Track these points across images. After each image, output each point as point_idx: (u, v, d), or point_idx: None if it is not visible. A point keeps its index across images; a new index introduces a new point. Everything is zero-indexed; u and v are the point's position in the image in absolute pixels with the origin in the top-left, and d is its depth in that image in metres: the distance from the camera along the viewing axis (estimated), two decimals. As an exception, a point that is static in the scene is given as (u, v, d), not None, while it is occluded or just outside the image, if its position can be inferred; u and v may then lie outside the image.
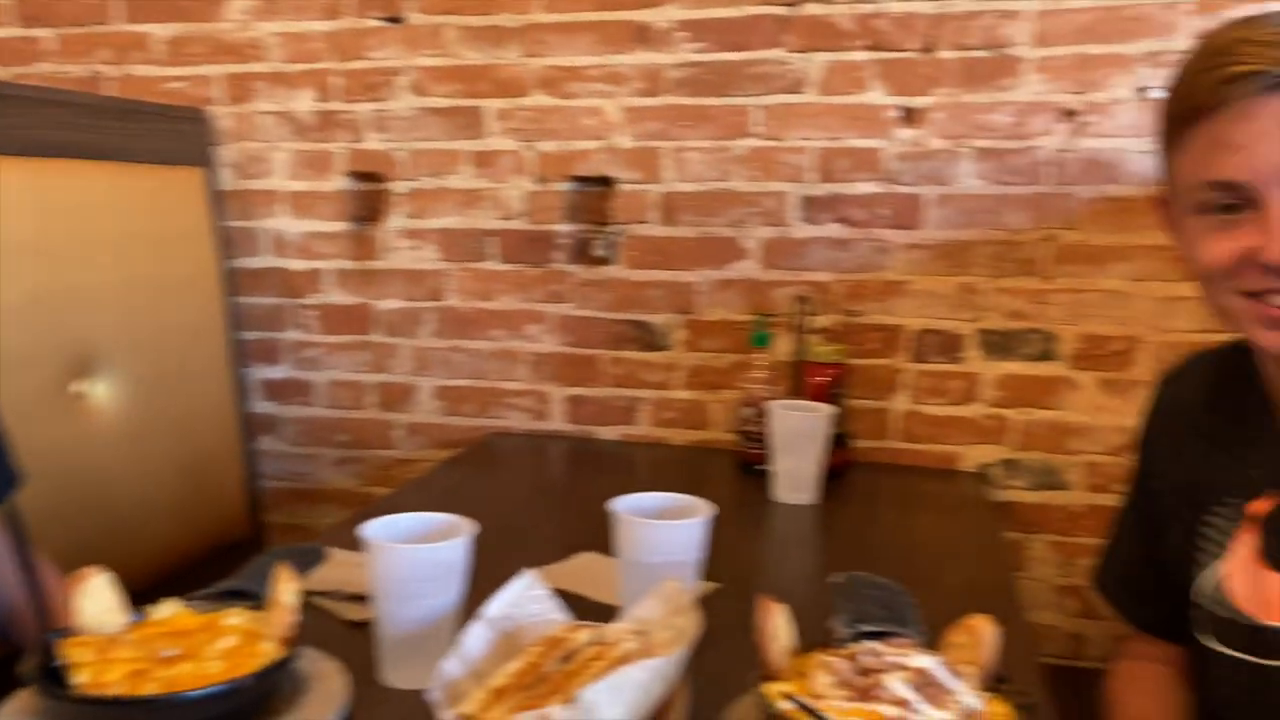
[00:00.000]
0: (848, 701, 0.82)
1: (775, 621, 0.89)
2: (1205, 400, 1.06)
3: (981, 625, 0.90)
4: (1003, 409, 1.82)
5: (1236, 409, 1.02)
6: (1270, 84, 0.82)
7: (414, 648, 0.98)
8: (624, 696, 0.80)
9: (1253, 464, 0.98)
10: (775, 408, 1.61)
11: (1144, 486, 1.14)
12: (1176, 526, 1.05)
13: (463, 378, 2.04)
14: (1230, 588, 0.97)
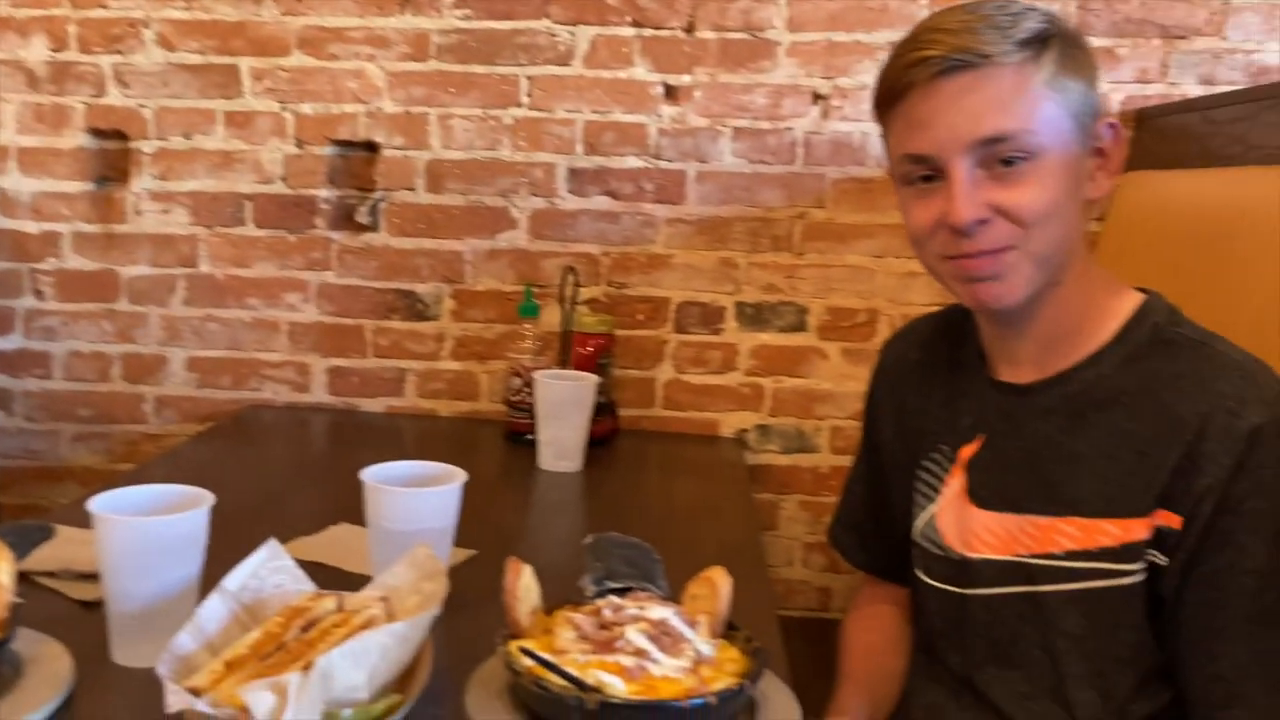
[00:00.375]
0: (589, 654, 0.85)
1: (521, 582, 0.90)
2: (924, 357, 1.15)
3: (717, 577, 0.94)
4: (758, 377, 1.91)
5: (952, 362, 1.11)
6: (946, 67, 0.91)
7: (147, 625, 0.94)
8: (363, 661, 0.79)
9: (963, 412, 1.07)
10: (540, 377, 1.63)
11: (870, 442, 1.22)
12: (897, 475, 1.14)
13: (218, 348, 1.95)
14: (941, 526, 1.06)
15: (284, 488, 1.52)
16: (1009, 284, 0.94)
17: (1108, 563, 0.92)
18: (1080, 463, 0.95)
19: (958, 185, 0.92)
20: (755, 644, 0.91)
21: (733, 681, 0.83)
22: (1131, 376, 0.95)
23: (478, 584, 1.16)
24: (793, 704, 0.92)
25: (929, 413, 1.11)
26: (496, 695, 0.89)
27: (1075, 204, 0.95)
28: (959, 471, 1.06)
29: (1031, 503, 0.98)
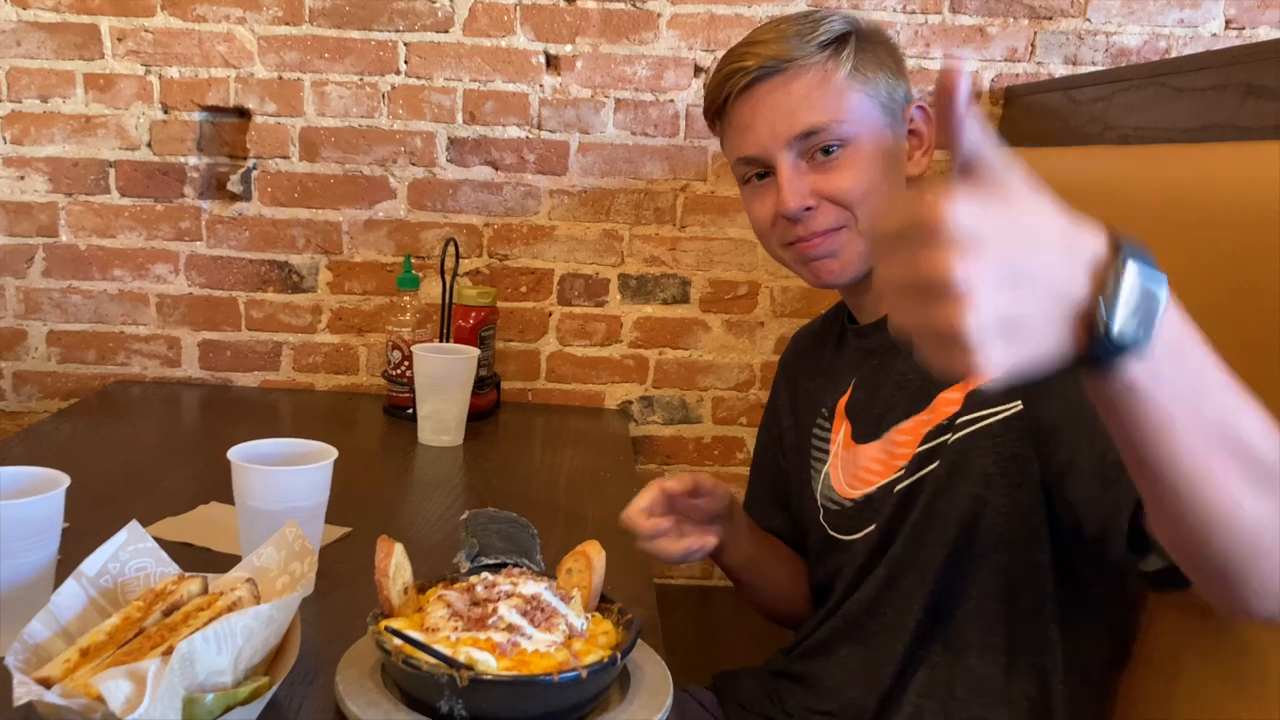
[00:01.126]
0: (462, 632, 0.85)
1: (392, 560, 0.89)
2: (812, 345, 1.27)
3: (591, 552, 0.95)
4: (642, 349, 1.91)
5: (835, 342, 1.22)
6: (759, 74, 1.04)
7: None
8: (227, 645, 0.78)
9: (840, 371, 1.16)
10: (419, 351, 1.60)
11: (770, 422, 1.32)
12: (795, 446, 1.22)
13: (81, 322, 1.87)
14: (834, 481, 1.13)
15: (152, 466, 1.47)
16: (844, 259, 1.06)
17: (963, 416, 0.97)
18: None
19: (783, 177, 1.04)
20: (628, 616, 0.92)
21: (603, 654, 0.84)
22: None
23: (352, 562, 1.15)
24: (664, 674, 0.93)
25: (816, 388, 1.21)
26: (368, 674, 0.88)
27: (895, 182, 1.06)
28: (842, 422, 1.13)
29: (895, 413, 1.05)
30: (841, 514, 1.11)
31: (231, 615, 0.79)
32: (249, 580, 0.89)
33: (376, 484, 1.48)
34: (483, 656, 0.81)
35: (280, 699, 0.86)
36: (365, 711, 0.83)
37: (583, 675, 0.80)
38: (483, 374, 1.72)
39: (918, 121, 1.10)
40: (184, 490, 1.33)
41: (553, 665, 0.82)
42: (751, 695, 1.18)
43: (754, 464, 1.36)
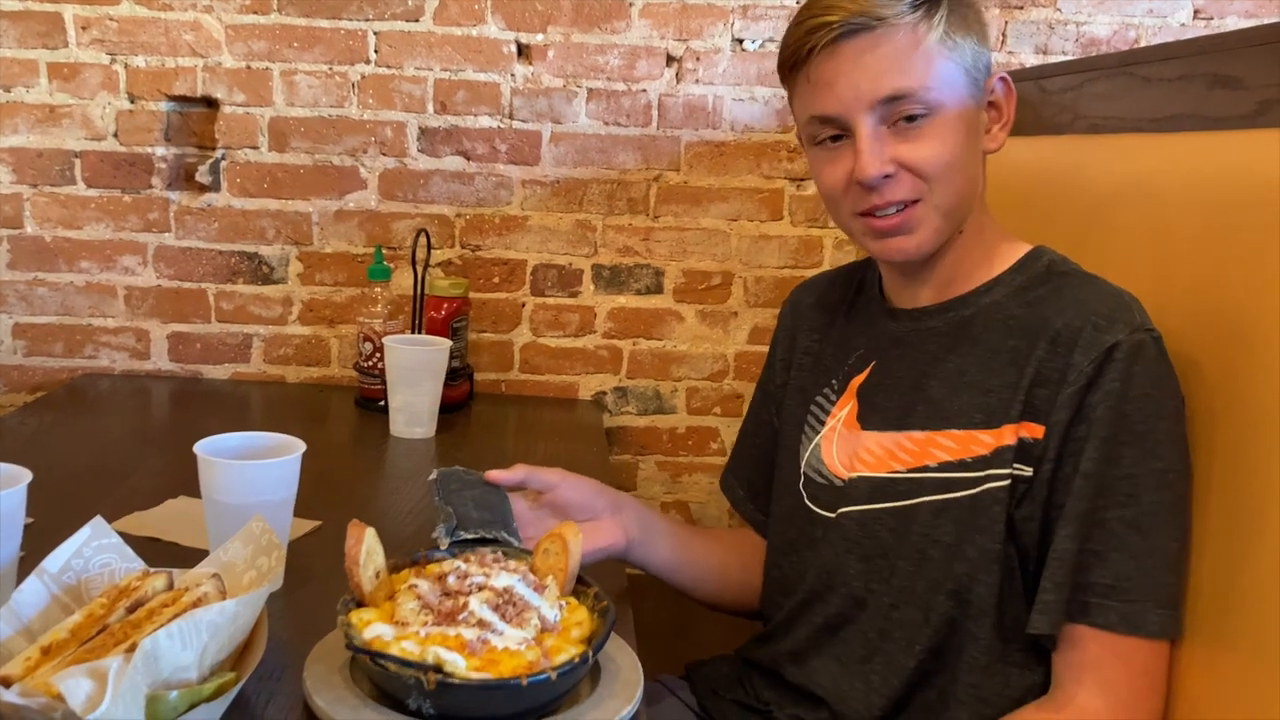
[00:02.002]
0: (431, 626, 0.84)
1: (364, 546, 0.88)
2: (821, 302, 1.22)
3: (568, 534, 0.94)
4: (615, 340, 1.91)
5: (850, 306, 1.18)
6: (845, 30, 0.96)
7: (-42, 611, 0.89)
8: (191, 641, 0.77)
9: (857, 346, 1.13)
10: (390, 342, 1.59)
11: (765, 391, 1.27)
12: (791, 416, 1.18)
13: (48, 314, 1.85)
14: (825, 454, 1.11)
15: (120, 460, 1.45)
16: (917, 237, 1.00)
17: (979, 471, 0.97)
18: (961, 379, 1.01)
19: (863, 141, 0.97)
20: (604, 603, 0.91)
21: (574, 653, 0.83)
22: (1021, 303, 1.01)
23: (322, 555, 1.14)
24: (635, 665, 0.93)
25: (824, 353, 1.17)
26: (336, 670, 0.87)
27: (974, 157, 1.02)
28: (849, 400, 1.10)
29: (913, 419, 1.03)
30: (827, 489, 1.09)
31: (196, 611, 0.78)
32: (215, 576, 0.88)
33: (347, 477, 1.47)
34: (451, 657, 0.80)
35: (247, 695, 0.85)
36: (333, 708, 0.82)
37: (552, 678, 0.80)
38: (455, 365, 1.71)
39: (998, 94, 1.04)
40: (152, 484, 1.32)
41: (522, 665, 0.81)
42: (723, 680, 1.17)
43: (744, 426, 1.31)
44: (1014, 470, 0.95)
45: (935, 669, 0.99)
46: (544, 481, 1.09)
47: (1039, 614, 0.92)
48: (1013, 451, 0.95)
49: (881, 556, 1.02)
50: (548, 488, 1.10)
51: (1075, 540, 0.91)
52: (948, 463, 0.99)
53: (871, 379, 1.10)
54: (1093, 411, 0.91)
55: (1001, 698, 0.97)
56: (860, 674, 1.02)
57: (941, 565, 0.98)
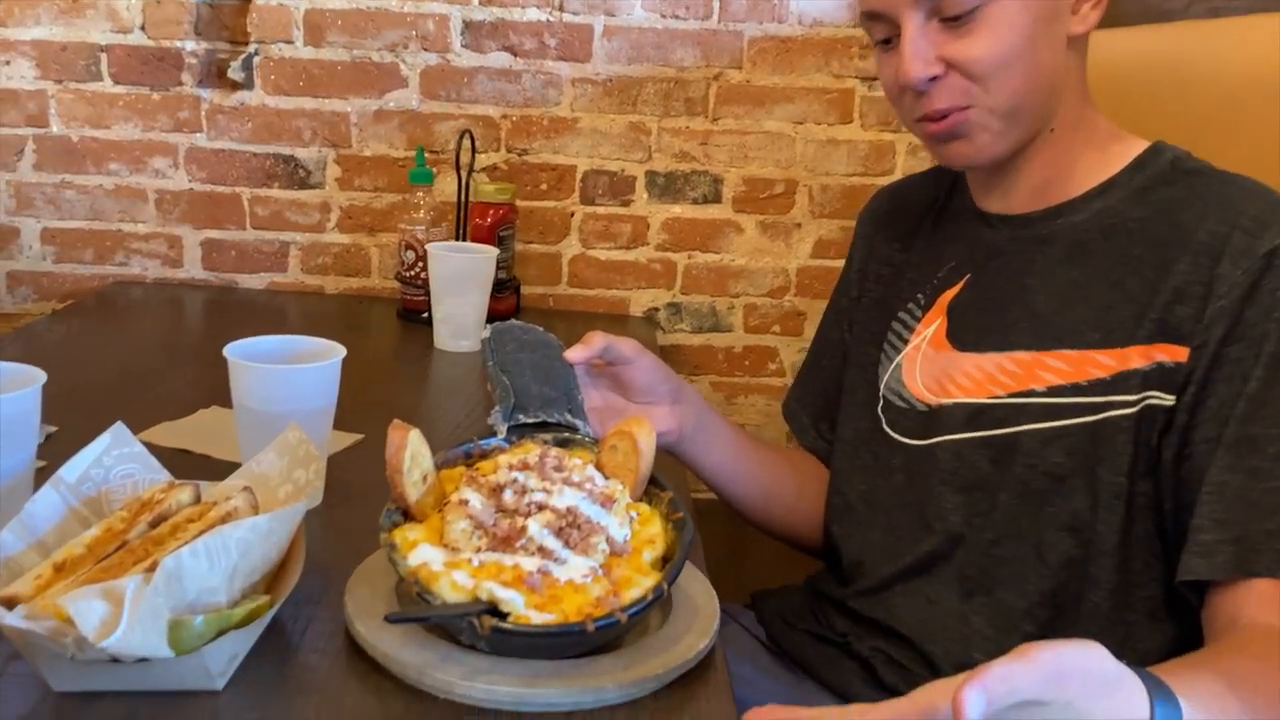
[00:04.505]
0: (486, 552, 0.75)
1: (407, 450, 0.79)
2: (904, 208, 1.11)
3: (636, 430, 0.84)
4: (669, 253, 1.80)
5: (937, 212, 1.07)
6: None
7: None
8: (219, 561, 0.68)
9: (947, 257, 1.02)
10: (434, 249, 1.50)
11: (837, 306, 1.17)
12: (867, 333, 1.09)
13: (76, 219, 1.76)
14: (907, 376, 1.01)
15: (150, 369, 1.38)
16: (976, 143, 0.90)
17: (1097, 396, 0.86)
18: (1076, 292, 0.90)
19: (906, 41, 0.88)
20: (679, 514, 0.82)
21: (647, 588, 0.74)
22: (1146, 205, 0.90)
23: (363, 470, 1.06)
24: (709, 594, 0.84)
25: (908, 264, 1.07)
26: (382, 595, 0.79)
27: (1048, 46, 0.89)
28: (938, 316, 1.00)
29: (1016, 338, 0.93)
30: (909, 414, 1.00)
31: (225, 527, 0.70)
32: (246, 489, 0.79)
33: (390, 390, 1.39)
34: (508, 595, 0.71)
35: (282, 621, 0.77)
36: (377, 636, 0.74)
37: (621, 620, 0.71)
38: (501, 276, 1.62)
39: None
40: (183, 394, 1.24)
41: (588, 603, 0.72)
42: (793, 610, 1.09)
43: (811, 347, 1.21)
44: (1147, 397, 0.84)
45: (1052, 614, 0.89)
46: (620, 354, 0.99)
47: (1197, 557, 0.80)
48: (1142, 376, 0.84)
49: (980, 489, 0.92)
50: (623, 361, 1.00)
51: (1237, 473, 0.80)
52: (1058, 387, 0.89)
53: (966, 293, 0.99)
54: (1251, 328, 0.80)
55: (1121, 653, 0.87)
56: (956, 614, 0.93)
57: (1053, 499, 0.88)
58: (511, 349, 0.98)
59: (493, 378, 0.95)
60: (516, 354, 0.97)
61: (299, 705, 0.70)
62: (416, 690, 0.71)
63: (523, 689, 0.70)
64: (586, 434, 0.92)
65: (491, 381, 0.95)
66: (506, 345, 0.99)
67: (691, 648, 0.76)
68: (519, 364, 0.96)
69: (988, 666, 0.56)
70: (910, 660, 0.96)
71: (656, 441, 0.87)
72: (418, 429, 0.81)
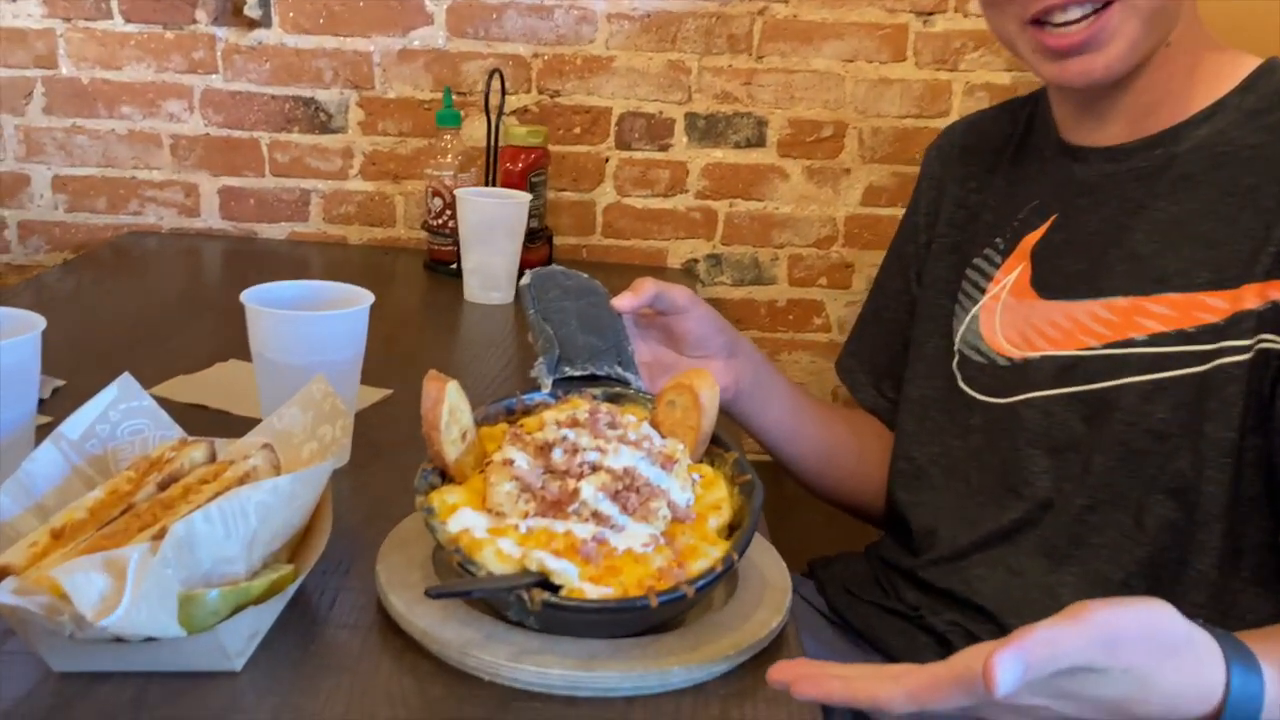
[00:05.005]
0: (534, 518, 0.67)
1: (445, 404, 0.71)
2: (978, 144, 1.02)
3: (699, 383, 0.76)
4: (710, 200, 1.70)
5: (1016, 147, 0.98)
6: None
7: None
8: (237, 527, 0.61)
9: (1029, 196, 0.93)
10: (463, 195, 1.41)
11: (900, 255, 1.07)
12: (938, 283, 1.00)
13: (89, 166, 1.68)
14: (985, 329, 0.92)
15: (165, 321, 1.30)
16: (1108, 54, 0.79)
17: (1207, 343, 0.77)
18: (1180, 230, 0.81)
19: None
20: (747, 476, 0.74)
21: (715, 559, 0.66)
22: (1259, 130, 0.80)
23: (393, 428, 0.98)
24: (778, 565, 0.76)
25: (984, 206, 0.98)
26: (417, 564, 0.71)
27: None
28: (1020, 262, 0.91)
29: (1111, 282, 0.83)
30: (989, 370, 0.91)
31: (243, 489, 0.62)
32: (266, 446, 0.71)
33: (419, 344, 1.31)
34: (560, 566, 0.63)
35: (307, 593, 0.70)
36: (413, 611, 0.66)
37: (689, 595, 0.63)
38: (533, 225, 1.53)
39: None
40: (200, 347, 1.16)
41: (649, 575, 0.64)
42: (857, 580, 1.01)
43: (869, 300, 1.12)
44: (1261, 341, 0.75)
45: (1151, 585, 0.80)
46: (672, 302, 0.91)
47: None
48: (1257, 318, 0.75)
49: (1072, 450, 0.84)
50: (674, 310, 0.92)
51: None
52: (1161, 334, 0.80)
53: (1052, 236, 0.90)
54: None
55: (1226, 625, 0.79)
56: (1042, 586, 0.85)
57: (1155, 459, 0.79)
58: (554, 296, 0.90)
59: (535, 327, 0.87)
60: (560, 301, 0.89)
61: (326, 687, 0.62)
62: (458, 671, 0.64)
63: (578, 671, 0.62)
64: (639, 388, 0.84)
65: (534, 331, 0.87)
66: (549, 292, 0.90)
67: (764, 625, 0.68)
68: (563, 312, 0.88)
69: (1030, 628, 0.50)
70: (990, 635, 0.87)
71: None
72: (456, 381, 0.73)
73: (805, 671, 0.56)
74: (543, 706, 0.62)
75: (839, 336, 1.74)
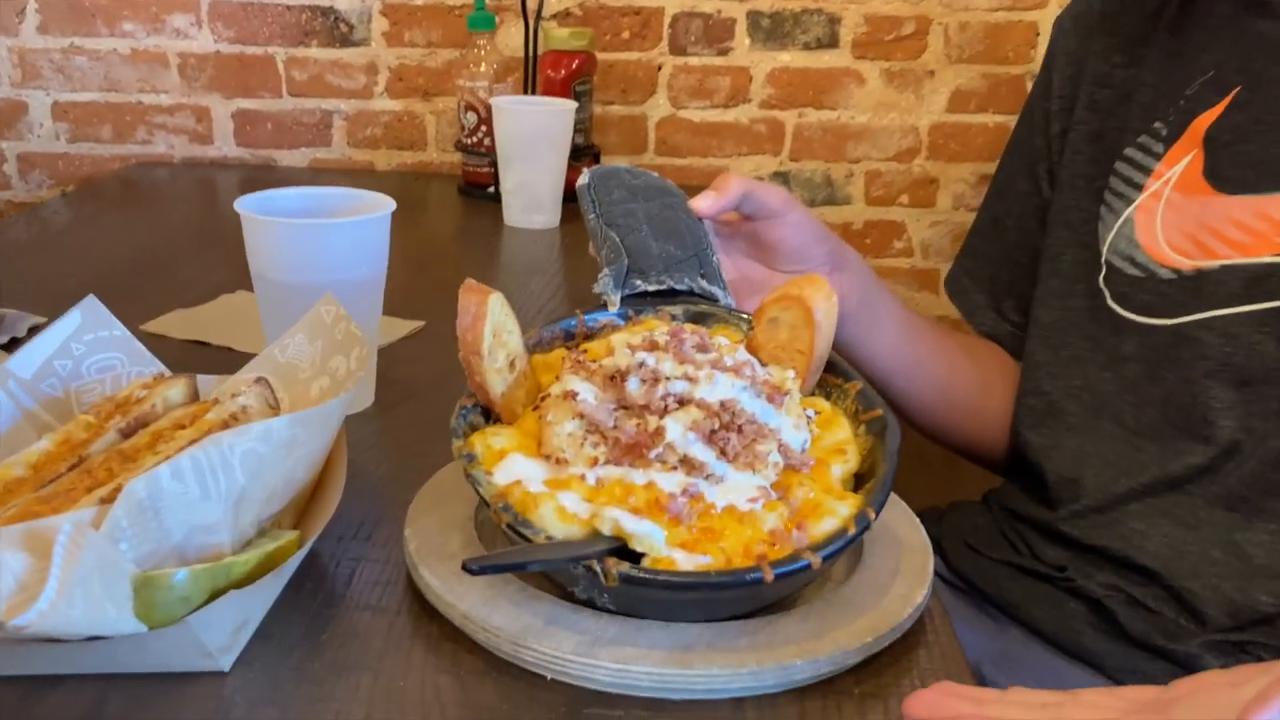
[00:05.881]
0: (606, 465, 0.51)
1: (487, 322, 0.55)
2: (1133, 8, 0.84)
3: (811, 293, 0.59)
4: (776, 110, 1.53)
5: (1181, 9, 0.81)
6: None
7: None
8: (216, 483, 0.46)
9: (1199, 68, 0.77)
10: (501, 103, 1.25)
11: (1024, 150, 0.90)
12: (1078, 179, 0.83)
13: (90, 90, 1.54)
14: (1143, 235, 0.77)
15: (169, 255, 1.16)
16: None
17: None
18: None
19: None
20: (877, 412, 0.57)
21: (845, 517, 0.50)
22: None
23: (426, 364, 0.84)
24: (913, 524, 0.60)
25: (1138, 82, 0.81)
26: (456, 528, 0.56)
27: None
28: (1189, 149, 0.75)
29: None
30: (1145, 284, 0.75)
31: (226, 435, 0.47)
32: (260, 381, 0.56)
33: (455, 273, 1.12)
34: (643, 528, 0.48)
35: (319, 568, 0.55)
36: (454, 589, 0.51)
37: (814, 564, 0.47)
38: (578, 142, 1.36)
39: None
40: (205, 280, 1.02)
41: (758, 539, 0.49)
42: (981, 534, 0.85)
43: (985, 206, 0.96)
44: None
45: None
46: (764, 204, 0.75)
47: None
48: None
49: (1265, 381, 0.69)
50: (766, 215, 0.76)
51: None
52: None
53: (1233, 114, 0.74)
54: None
55: None
56: (1226, 543, 0.70)
57: None
58: (619, 198, 0.74)
59: (597, 234, 0.71)
60: (627, 203, 0.73)
61: (340, 691, 0.47)
62: (511, 667, 0.49)
63: (668, 669, 0.47)
64: (729, 305, 0.68)
65: (595, 240, 0.71)
66: (612, 193, 0.74)
67: (905, 600, 0.53)
68: (631, 216, 0.72)
69: None
70: (1160, 601, 0.72)
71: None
72: (500, 293, 0.57)
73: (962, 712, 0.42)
74: (624, 714, 0.47)
75: (922, 262, 1.58)
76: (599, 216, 0.72)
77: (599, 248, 0.70)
